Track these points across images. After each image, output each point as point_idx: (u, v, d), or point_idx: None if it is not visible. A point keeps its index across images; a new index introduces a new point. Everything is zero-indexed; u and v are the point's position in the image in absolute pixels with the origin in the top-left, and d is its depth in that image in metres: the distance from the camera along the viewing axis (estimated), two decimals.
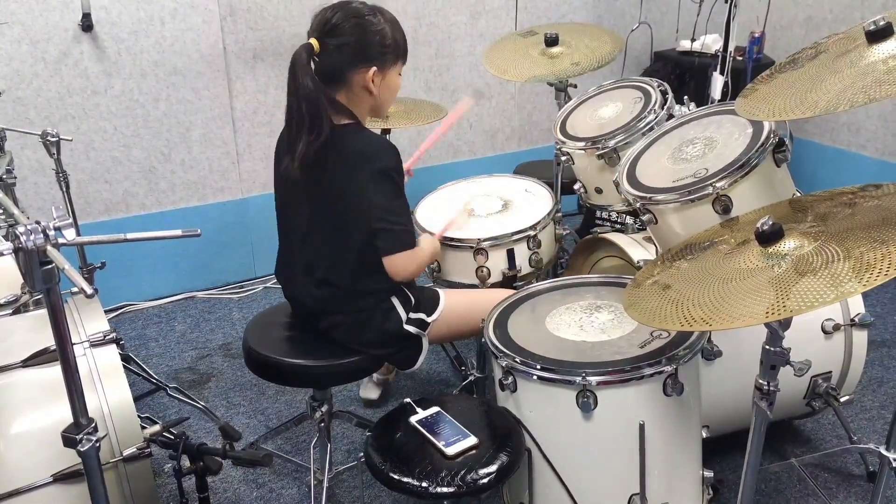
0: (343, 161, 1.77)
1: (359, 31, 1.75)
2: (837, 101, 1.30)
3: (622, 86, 2.50)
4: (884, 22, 1.36)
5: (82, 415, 1.28)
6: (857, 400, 2.44)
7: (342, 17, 1.74)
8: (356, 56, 1.76)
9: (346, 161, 1.77)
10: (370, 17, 1.76)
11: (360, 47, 1.75)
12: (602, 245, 2.41)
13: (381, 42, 1.77)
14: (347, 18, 1.74)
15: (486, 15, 3.72)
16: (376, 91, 1.80)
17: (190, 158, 3.29)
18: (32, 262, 1.13)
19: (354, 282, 1.85)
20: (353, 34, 1.74)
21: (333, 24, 1.74)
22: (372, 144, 1.80)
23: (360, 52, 1.76)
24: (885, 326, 2.91)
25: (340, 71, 1.77)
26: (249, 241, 3.48)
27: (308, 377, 1.92)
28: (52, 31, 2.90)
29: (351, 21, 1.75)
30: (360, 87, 1.79)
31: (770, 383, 1.41)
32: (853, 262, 1.21)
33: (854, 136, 3.56)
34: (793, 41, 3.74)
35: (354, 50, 1.75)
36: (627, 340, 1.69)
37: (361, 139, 1.80)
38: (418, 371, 2.74)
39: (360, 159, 1.77)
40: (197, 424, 2.53)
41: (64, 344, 1.23)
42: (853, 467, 2.19)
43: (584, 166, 2.35)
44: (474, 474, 1.51)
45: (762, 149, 1.76)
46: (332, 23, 1.74)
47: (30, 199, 3.03)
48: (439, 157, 3.83)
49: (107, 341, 1.70)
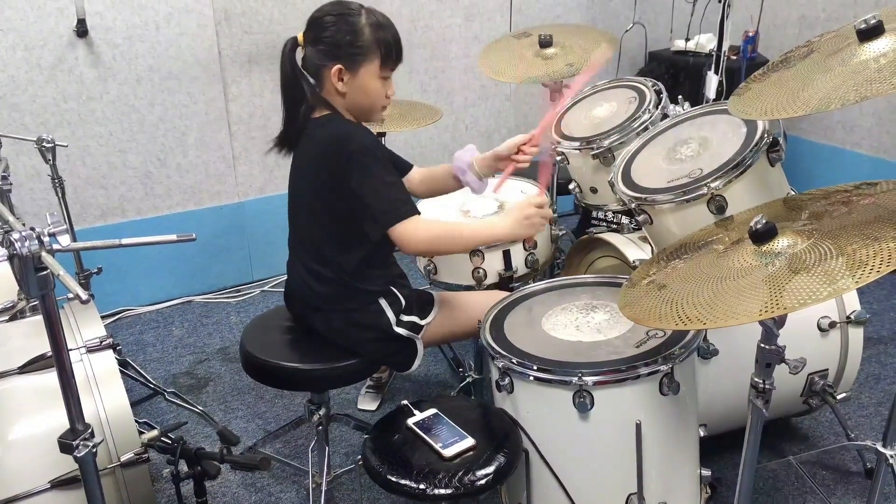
0: (317, 148, 1.78)
1: (334, 29, 1.75)
2: (829, 99, 1.30)
3: (617, 86, 2.51)
4: (875, 20, 1.36)
5: (79, 421, 1.28)
6: (853, 397, 2.44)
7: (326, 13, 1.76)
8: (326, 53, 1.76)
9: (320, 148, 1.77)
10: (350, 17, 1.75)
11: (331, 44, 1.75)
12: (598, 245, 2.41)
13: (351, 41, 1.74)
14: (330, 14, 1.76)
15: (480, 17, 3.72)
16: (344, 89, 1.78)
17: (186, 163, 3.29)
18: (27, 268, 1.13)
19: (341, 277, 1.84)
20: (329, 31, 1.75)
21: (315, 18, 1.77)
22: (342, 128, 1.79)
23: (330, 49, 1.75)
24: (882, 323, 2.92)
25: (315, 66, 1.79)
26: (246, 245, 3.48)
27: (305, 380, 1.92)
28: (47, 38, 2.90)
29: (331, 17, 1.75)
30: (331, 83, 1.79)
31: (766, 381, 1.41)
32: (846, 259, 1.22)
33: (849, 133, 3.57)
34: (787, 40, 3.75)
35: (326, 46, 1.76)
36: (623, 340, 1.69)
37: (332, 126, 1.79)
38: (415, 373, 2.74)
39: (334, 144, 1.75)
40: (195, 429, 2.53)
41: (60, 350, 1.23)
42: (850, 464, 2.19)
43: (580, 166, 2.35)
44: (472, 476, 1.51)
45: (756, 148, 1.77)
46: (316, 17, 1.77)
47: (26, 205, 3.03)
48: (435, 160, 3.83)
49: (103, 347, 1.71)
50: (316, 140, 1.79)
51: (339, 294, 1.86)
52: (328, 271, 1.84)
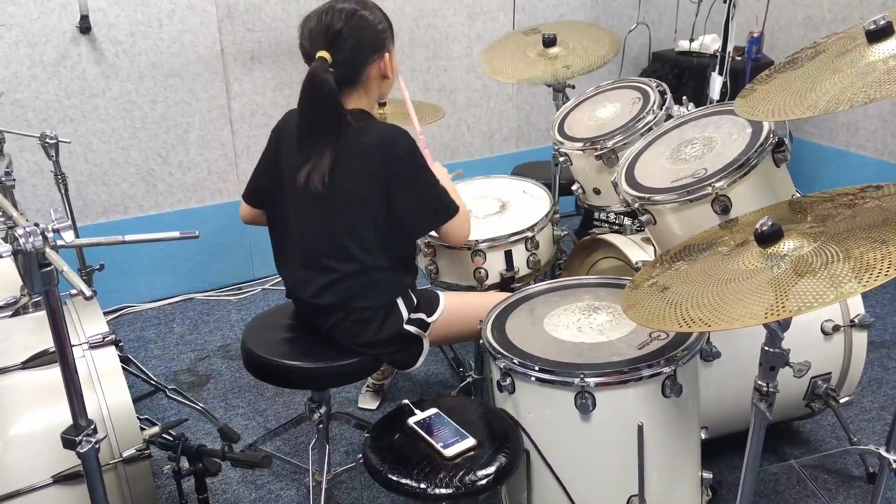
0: (360, 154, 1.78)
1: (361, 28, 1.78)
2: (837, 101, 1.29)
3: (620, 86, 2.50)
4: (884, 21, 1.36)
5: (81, 416, 1.28)
6: (856, 401, 2.44)
7: (342, 21, 1.76)
8: (369, 51, 1.80)
9: (364, 154, 1.78)
10: (363, 12, 1.80)
11: (369, 42, 1.80)
12: (600, 246, 2.41)
13: (381, 29, 1.82)
14: (346, 20, 1.77)
15: (483, 16, 3.72)
16: (391, 74, 1.87)
17: (188, 160, 3.28)
18: (31, 264, 1.13)
19: (367, 281, 1.84)
20: (358, 32, 1.78)
21: (337, 30, 1.76)
22: (385, 132, 1.82)
23: (370, 46, 1.80)
24: (885, 327, 2.91)
25: (357, 71, 1.81)
26: (248, 243, 3.48)
27: (306, 379, 1.92)
28: (50, 34, 2.90)
29: (351, 22, 1.77)
30: (376, 78, 1.84)
31: (769, 384, 1.40)
32: (853, 263, 1.21)
33: (853, 136, 3.56)
34: (792, 41, 3.74)
35: (366, 46, 1.80)
36: (626, 342, 1.69)
37: (374, 130, 1.81)
38: (416, 373, 2.74)
39: (376, 150, 1.78)
40: (196, 426, 2.52)
41: (63, 346, 1.23)
42: (853, 468, 2.19)
43: (583, 167, 2.35)
44: (472, 476, 1.51)
45: (761, 149, 1.76)
46: (336, 29, 1.76)
47: (28, 201, 3.03)
48: (437, 159, 3.82)
49: (106, 343, 1.70)
50: (363, 142, 1.78)
51: (361, 293, 1.85)
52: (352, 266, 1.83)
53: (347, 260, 1.83)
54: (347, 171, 1.79)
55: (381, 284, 1.87)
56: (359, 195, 1.80)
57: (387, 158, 1.78)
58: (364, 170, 1.78)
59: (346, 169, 1.79)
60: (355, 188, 1.80)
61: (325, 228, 1.84)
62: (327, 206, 1.82)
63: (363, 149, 1.78)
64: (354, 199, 1.80)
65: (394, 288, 1.90)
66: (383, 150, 1.78)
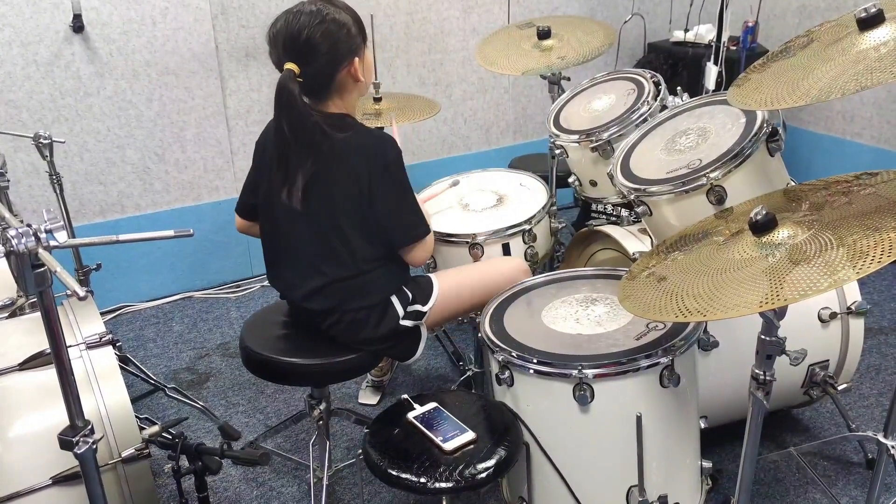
0: (344, 162, 1.77)
1: (330, 33, 1.72)
2: (829, 88, 1.29)
3: (615, 78, 2.50)
4: (875, 9, 1.35)
5: (78, 417, 1.28)
6: (854, 388, 2.44)
7: (308, 27, 1.71)
8: (338, 58, 1.75)
9: (348, 161, 1.77)
10: (331, 15, 1.74)
11: (338, 48, 1.74)
12: (597, 238, 2.41)
13: (349, 33, 1.76)
14: (313, 26, 1.71)
15: (478, 9, 3.71)
16: (362, 76, 1.81)
17: (184, 158, 3.28)
18: (24, 265, 1.12)
19: (359, 282, 1.84)
20: (327, 39, 1.72)
21: (305, 39, 1.71)
22: (371, 140, 1.80)
23: (340, 52, 1.75)
24: (882, 314, 2.92)
25: (330, 77, 1.76)
26: (245, 241, 3.47)
27: (305, 375, 1.92)
28: (43, 33, 2.89)
29: (319, 28, 1.71)
30: (349, 81, 1.80)
31: (766, 373, 1.41)
32: (847, 250, 1.21)
33: (849, 124, 3.56)
34: (786, 30, 3.74)
35: (336, 53, 1.74)
36: (623, 333, 1.69)
37: (358, 137, 1.79)
38: (416, 367, 2.75)
39: (362, 157, 1.76)
40: (196, 424, 2.53)
41: (58, 346, 1.22)
42: (852, 455, 2.20)
43: (579, 159, 2.34)
44: (473, 469, 1.51)
45: (755, 138, 1.76)
46: (303, 38, 1.71)
47: (24, 201, 3.02)
48: (433, 153, 3.83)
49: (103, 343, 1.70)
50: (346, 149, 1.76)
51: (354, 295, 1.85)
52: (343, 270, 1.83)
53: (338, 264, 1.82)
54: (332, 179, 1.77)
55: (374, 284, 1.86)
56: (344, 204, 1.79)
57: (373, 166, 1.76)
58: (349, 176, 1.77)
59: (330, 178, 1.77)
60: (341, 196, 1.78)
61: (314, 237, 1.83)
62: (313, 218, 1.81)
63: (347, 156, 1.76)
64: (340, 207, 1.79)
65: (387, 286, 1.89)
66: (370, 158, 1.76)
